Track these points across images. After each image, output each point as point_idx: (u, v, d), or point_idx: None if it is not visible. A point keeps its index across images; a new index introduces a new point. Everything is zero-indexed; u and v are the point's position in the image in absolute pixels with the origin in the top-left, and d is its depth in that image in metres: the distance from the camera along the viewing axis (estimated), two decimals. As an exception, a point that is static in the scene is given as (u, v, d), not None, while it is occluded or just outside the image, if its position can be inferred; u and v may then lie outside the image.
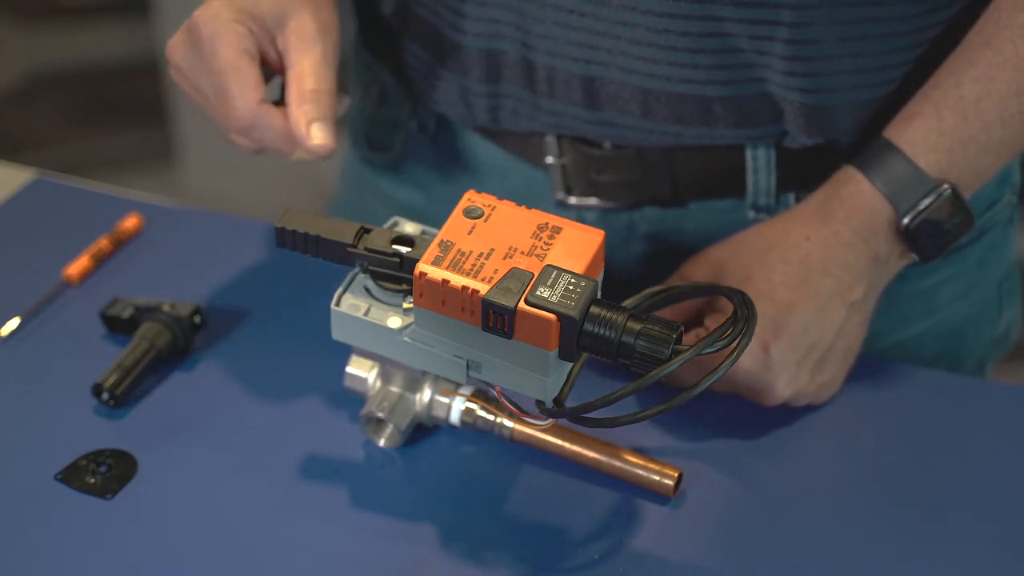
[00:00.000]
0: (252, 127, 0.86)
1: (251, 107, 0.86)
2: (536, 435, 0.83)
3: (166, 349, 0.89)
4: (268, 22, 0.87)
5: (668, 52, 0.87)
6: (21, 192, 1.05)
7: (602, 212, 0.96)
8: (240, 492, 0.81)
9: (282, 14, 0.87)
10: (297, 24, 0.87)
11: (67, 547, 0.78)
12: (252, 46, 0.87)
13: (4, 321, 0.92)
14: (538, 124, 0.94)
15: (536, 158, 0.96)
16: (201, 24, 0.86)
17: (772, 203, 0.93)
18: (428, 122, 1.01)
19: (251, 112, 0.86)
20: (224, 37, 0.86)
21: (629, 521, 0.80)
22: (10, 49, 2.77)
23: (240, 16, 0.86)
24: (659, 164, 0.93)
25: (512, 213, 0.75)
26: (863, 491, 0.83)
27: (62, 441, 0.84)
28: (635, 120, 0.91)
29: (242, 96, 0.85)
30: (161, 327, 0.89)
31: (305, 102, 0.86)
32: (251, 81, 0.86)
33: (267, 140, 0.87)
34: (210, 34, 0.86)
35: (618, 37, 0.88)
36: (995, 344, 1.06)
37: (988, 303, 1.03)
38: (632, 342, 0.71)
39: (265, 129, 0.86)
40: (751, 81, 0.88)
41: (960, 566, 0.78)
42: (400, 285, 0.77)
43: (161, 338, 0.89)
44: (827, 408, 0.88)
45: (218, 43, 0.86)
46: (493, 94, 0.94)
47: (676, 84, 0.88)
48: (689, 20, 0.86)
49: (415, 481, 0.83)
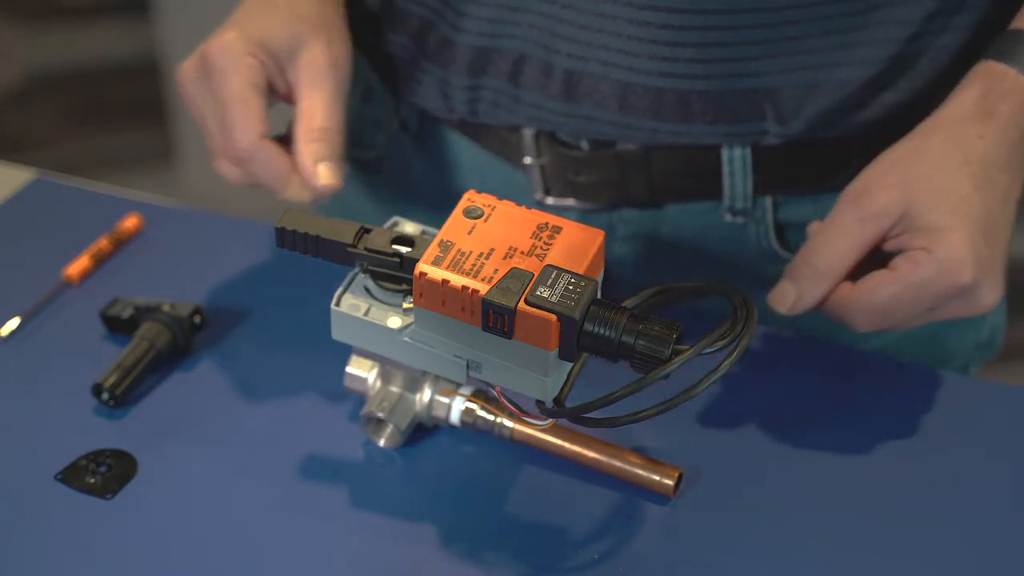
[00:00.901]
0: (250, 160, 0.86)
1: (253, 140, 0.86)
2: (536, 435, 0.83)
3: (166, 349, 0.89)
4: (280, 53, 0.88)
5: (648, 45, 0.87)
6: (21, 192, 1.05)
7: (580, 213, 0.97)
8: (240, 492, 0.81)
9: (295, 45, 0.88)
10: (309, 58, 0.88)
11: (67, 547, 0.78)
12: (261, 79, 0.87)
13: (4, 321, 0.92)
14: (516, 117, 0.94)
15: (515, 158, 0.97)
16: (214, 54, 0.87)
17: (748, 206, 0.94)
18: (410, 121, 1.01)
19: (252, 145, 0.86)
20: (235, 69, 0.86)
21: (629, 521, 0.80)
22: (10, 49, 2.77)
23: (252, 48, 0.87)
24: (636, 164, 0.93)
25: (512, 213, 0.75)
26: (863, 491, 0.83)
27: (62, 441, 0.84)
28: (612, 115, 0.91)
29: (245, 128, 0.86)
30: (161, 327, 0.89)
31: (313, 140, 0.86)
32: (256, 114, 0.86)
33: (261, 175, 0.87)
34: (221, 65, 0.86)
35: (599, 30, 0.88)
36: (978, 349, 1.06)
37: None
38: (632, 342, 0.71)
39: (263, 164, 0.86)
40: (732, 76, 0.88)
41: (960, 566, 0.78)
42: (400, 285, 0.77)
43: (161, 338, 0.89)
44: (827, 408, 0.88)
45: (228, 74, 0.86)
46: (474, 87, 0.94)
47: (655, 78, 0.89)
48: (671, 13, 0.86)
49: (415, 481, 0.83)
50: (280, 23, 0.89)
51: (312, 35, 0.89)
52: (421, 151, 1.02)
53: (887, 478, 0.83)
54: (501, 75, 0.93)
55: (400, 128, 1.02)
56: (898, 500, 0.82)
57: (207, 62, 0.87)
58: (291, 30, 0.88)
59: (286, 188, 0.87)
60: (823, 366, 0.92)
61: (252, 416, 0.87)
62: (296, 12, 0.90)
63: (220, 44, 0.87)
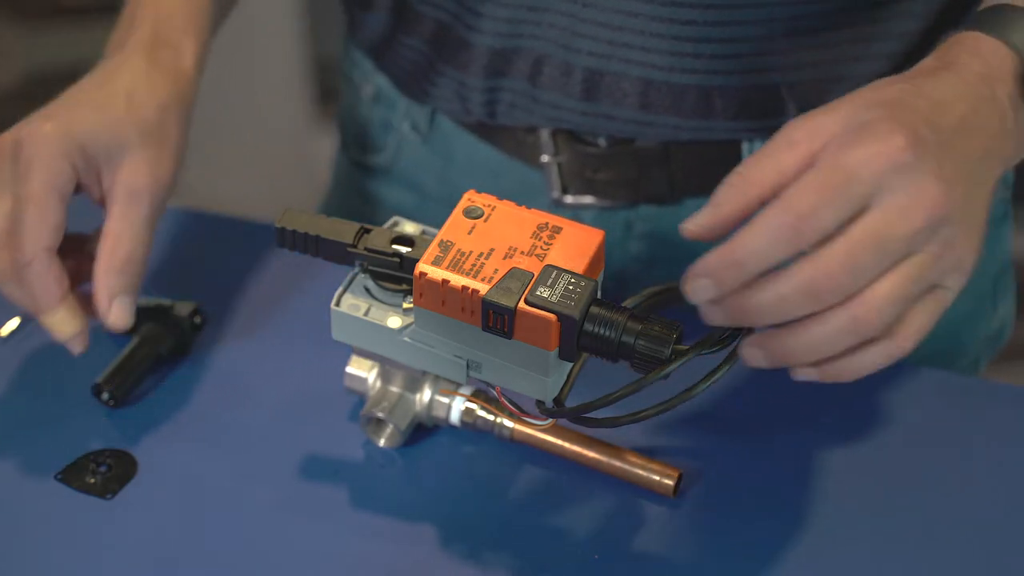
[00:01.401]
0: (25, 267, 0.79)
1: (37, 249, 0.79)
2: (536, 435, 0.83)
3: (166, 349, 0.89)
4: (99, 158, 0.81)
5: (671, 42, 0.87)
6: (21, 192, 1.05)
7: (599, 211, 0.96)
8: (240, 492, 0.81)
9: (116, 153, 0.81)
10: (129, 173, 0.81)
11: (67, 547, 0.78)
12: (68, 187, 0.81)
13: (4, 321, 0.92)
14: (535, 118, 0.94)
15: (531, 157, 0.96)
16: (26, 142, 0.80)
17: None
18: (421, 122, 1.01)
19: (33, 254, 0.79)
20: (43, 168, 0.79)
21: (629, 521, 0.80)
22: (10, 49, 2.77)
23: (68, 149, 0.80)
24: (656, 161, 0.93)
25: (512, 213, 0.75)
26: (864, 491, 0.83)
27: (62, 441, 0.84)
28: (633, 113, 0.91)
29: (34, 234, 0.79)
30: (161, 327, 0.89)
31: (115, 272, 0.81)
32: (51, 223, 0.79)
33: (30, 288, 0.80)
34: (30, 157, 0.80)
35: (620, 28, 0.88)
36: (989, 341, 1.06)
37: (983, 300, 1.03)
38: (632, 342, 0.71)
39: (36, 276, 0.79)
40: (754, 72, 0.88)
41: (964, 566, 0.78)
42: (400, 285, 0.77)
43: (161, 338, 0.88)
44: (827, 408, 0.88)
45: (34, 171, 0.79)
46: (492, 88, 0.94)
47: (677, 75, 0.88)
48: (694, 8, 0.86)
49: (415, 481, 0.83)
50: (109, 122, 0.82)
51: (140, 146, 0.82)
52: (433, 153, 1.01)
53: (888, 478, 0.83)
54: (520, 76, 0.92)
55: (411, 130, 1.02)
56: (899, 500, 0.82)
57: (16, 147, 0.80)
58: (117, 135, 0.82)
59: (49, 314, 0.81)
60: (823, 366, 0.92)
61: (252, 416, 0.86)
62: (133, 114, 0.83)
63: (36, 134, 0.80)
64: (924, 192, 0.64)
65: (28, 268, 0.80)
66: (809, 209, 0.63)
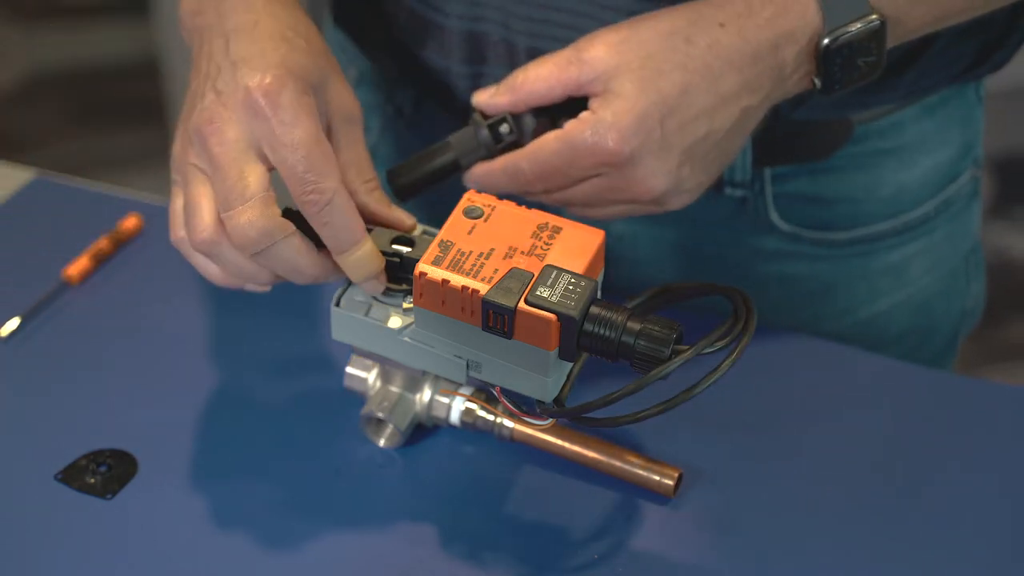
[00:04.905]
0: (326, 207, 0.75)
1: (336, 184, 0.75)
2: (536, 435, 0.83)
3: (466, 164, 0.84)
4: (316, 94, 0.78)
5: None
6: (21, 192, 1.05)
7: None
8: (240, 492, 0.81)
9: (321, 87, 0.79)
10: (338, 103, 0.80)
11: (67, 547, 0.78)
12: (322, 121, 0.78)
13: (4, 321, 0.92)
14: None
15: None
16: (259, 95, 0.75)
17: (748, 179, 0.94)
18: (405, 106, 1.01)
19: (333, 190, 0.75)
20: (298, 108, 0.75)
21: (629, 521, 0.80)
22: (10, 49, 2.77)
23: (304, 87, 0.77)
24: None
25: (512, 213, 0.75)
26: (863, 491, 0.83)
27: (62, 441, 0.84)
28: None
29: (327, 170, 0.75)
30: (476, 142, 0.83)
31: (374, 188, 0.80)
32: (333, 157, 0.76)
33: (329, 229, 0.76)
34: (275, 105, 0.75)
35: (593, 17, 0.88)
36: (964, 317, 1.06)
37: (956, 276, 1.04)
38: (632, 342, 0.71)
39: (338, 214, 0.76)
40: None
41: (960, 566, 0.78)
42: (400, 285, 0.77)
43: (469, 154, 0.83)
44: (827, 409, 0.88)
45: (290, 115, 0.75)
46: (476, 75, 0.94)
47: None
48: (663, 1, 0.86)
49: (415, 481, 0.83)
50: (311, 59, 0.79)
51: (335, 76, 0.80)
52: (416, 137, 1.01)
53: (887, 478, 0.83)
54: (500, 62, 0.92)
55: (395, 113, 1.02)
56: (898, 500, 0.82)
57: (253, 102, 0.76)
58: (321, 68, 0.79)
59: (355, 248, 0.76)
60: (823, 366, 0.92)
61: (252, 416, 0.87)
62: (317, 48, 0.80)
63: (268, 86, 0.76)
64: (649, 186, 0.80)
65: (330, 207, 0.75)
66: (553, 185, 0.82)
